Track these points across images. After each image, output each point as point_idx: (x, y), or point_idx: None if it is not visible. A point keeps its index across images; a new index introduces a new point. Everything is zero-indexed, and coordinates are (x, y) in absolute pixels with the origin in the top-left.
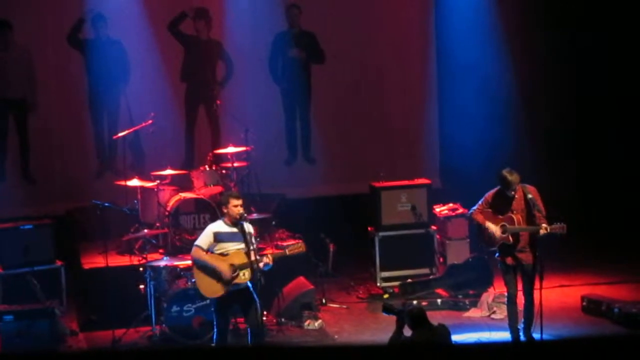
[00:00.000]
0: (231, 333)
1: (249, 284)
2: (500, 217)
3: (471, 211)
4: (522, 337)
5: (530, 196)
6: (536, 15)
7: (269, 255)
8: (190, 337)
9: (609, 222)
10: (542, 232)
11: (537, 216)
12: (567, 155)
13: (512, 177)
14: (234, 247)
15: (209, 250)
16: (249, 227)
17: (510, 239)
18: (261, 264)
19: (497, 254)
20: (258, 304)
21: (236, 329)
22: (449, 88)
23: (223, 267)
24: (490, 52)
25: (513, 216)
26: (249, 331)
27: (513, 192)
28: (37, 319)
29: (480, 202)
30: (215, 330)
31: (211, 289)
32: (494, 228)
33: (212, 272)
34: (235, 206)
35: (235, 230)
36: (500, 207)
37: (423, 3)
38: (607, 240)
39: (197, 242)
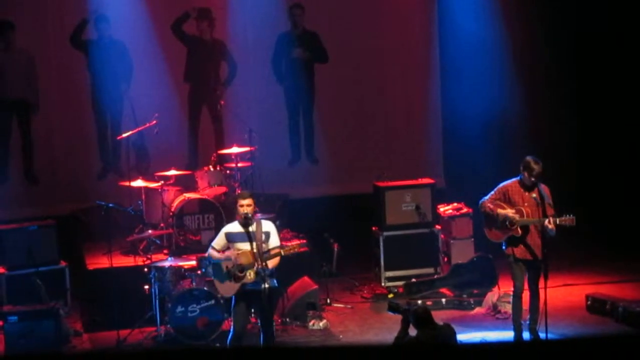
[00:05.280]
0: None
1: (275, 283)
2: (510, 209)
3: (482, 200)
4: (526, 334)
5: (538, 195)
6: (537, 10)
7: (268, 263)
8: (195, 337)
9: (614, 221)
10: (550, 226)
11: (548, 214)
12: (571, 154)
13: (537, 165)
14: (245, 247)
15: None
16: (266, 226)
17: (520, 231)
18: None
19: (503, 246)
20: (271, 306)
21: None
22: (453, 87)
23: (231, 254)
24: (494, 52)
25: (522, 209)
26: (261, 332)
27: (533, 182)
28: (42, 320)
29: (492, 193)
30: (231, 329)
31: (226, 287)
32: (509, 211)
33: (224, 268)
34: (241, 206)
35: (246, 229)
36: (512, 199)
37: (426, 2)
38: (611, 238)
39: (212, 243)
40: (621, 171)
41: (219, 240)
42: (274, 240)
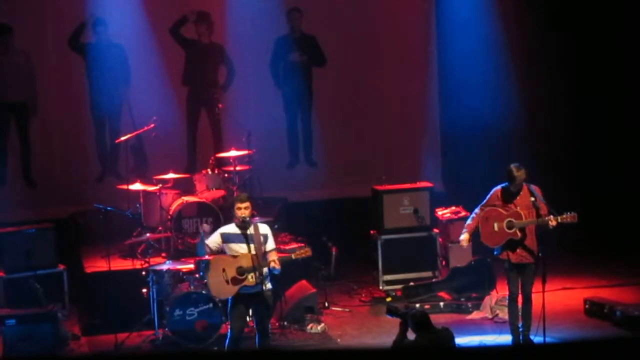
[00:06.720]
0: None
1: (270, 286)
2: (506, 213)
3: (468, 222)
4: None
5: (533, 199)
6: (536, 15)
7: (276, 260)
8: (193, 340)
9: (612, 225)
10: (552, 224)
11: (542, 213)
12: (570, 157)
13: (519, 172)
14: (243, 249)
15: (222, 252)
16: (263, 229)
17: (519, 234)
18: (269, 266)
19: (496, 252)
20: (269, 309)
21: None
22: (451, 91)
23: (227, 264)
24: (492, 56)
25: (520, 211)
26: (257, 335)
27: (517, 188)
28: (40, 323)
29: (486, 200)
30: (228, 332)
31: (223, 290)
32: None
33: (221, 271)
34: (239, 209)
35: (244, 232)
36: (505, 203)
37: (424, 5)
38: (610, 242)
39: (206, 240)
40: (620, 176)
41: (214, 240)
42: (271, 243)
